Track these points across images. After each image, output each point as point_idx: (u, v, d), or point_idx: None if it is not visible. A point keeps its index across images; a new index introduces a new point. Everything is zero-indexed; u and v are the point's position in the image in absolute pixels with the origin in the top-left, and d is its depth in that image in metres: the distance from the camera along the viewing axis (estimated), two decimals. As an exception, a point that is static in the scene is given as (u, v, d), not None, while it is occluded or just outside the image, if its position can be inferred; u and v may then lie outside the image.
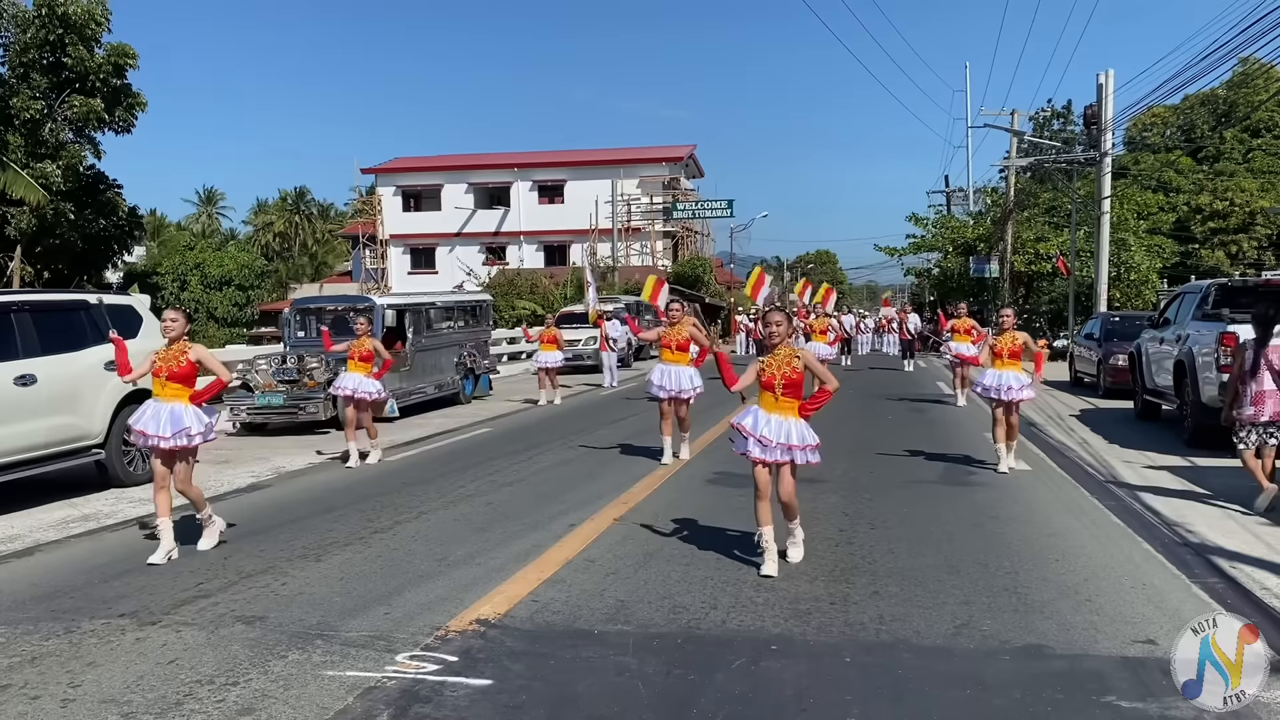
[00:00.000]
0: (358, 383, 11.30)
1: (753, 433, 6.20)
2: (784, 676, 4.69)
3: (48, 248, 26.58)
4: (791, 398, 6.25)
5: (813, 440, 6.27)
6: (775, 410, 6.25)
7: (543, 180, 50.44)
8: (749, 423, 6.27)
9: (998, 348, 10.29)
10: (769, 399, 6.29)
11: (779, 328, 6.41)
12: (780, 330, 6.34)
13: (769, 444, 6.16)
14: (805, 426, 6.30)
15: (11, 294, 9.84)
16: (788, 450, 6.18)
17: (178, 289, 31.47)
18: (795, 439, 6.19)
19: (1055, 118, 53.68)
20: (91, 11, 25.85)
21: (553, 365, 18.32)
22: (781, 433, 6.17)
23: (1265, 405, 7.99)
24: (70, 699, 4.52)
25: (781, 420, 6.22)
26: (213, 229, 72.83)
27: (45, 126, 25.51)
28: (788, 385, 6.23)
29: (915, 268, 50.19)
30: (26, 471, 9.07)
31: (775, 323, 6.45)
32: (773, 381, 6.25)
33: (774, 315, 6.53)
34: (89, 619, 5.69)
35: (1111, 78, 27.44)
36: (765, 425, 6.20)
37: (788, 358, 6.26)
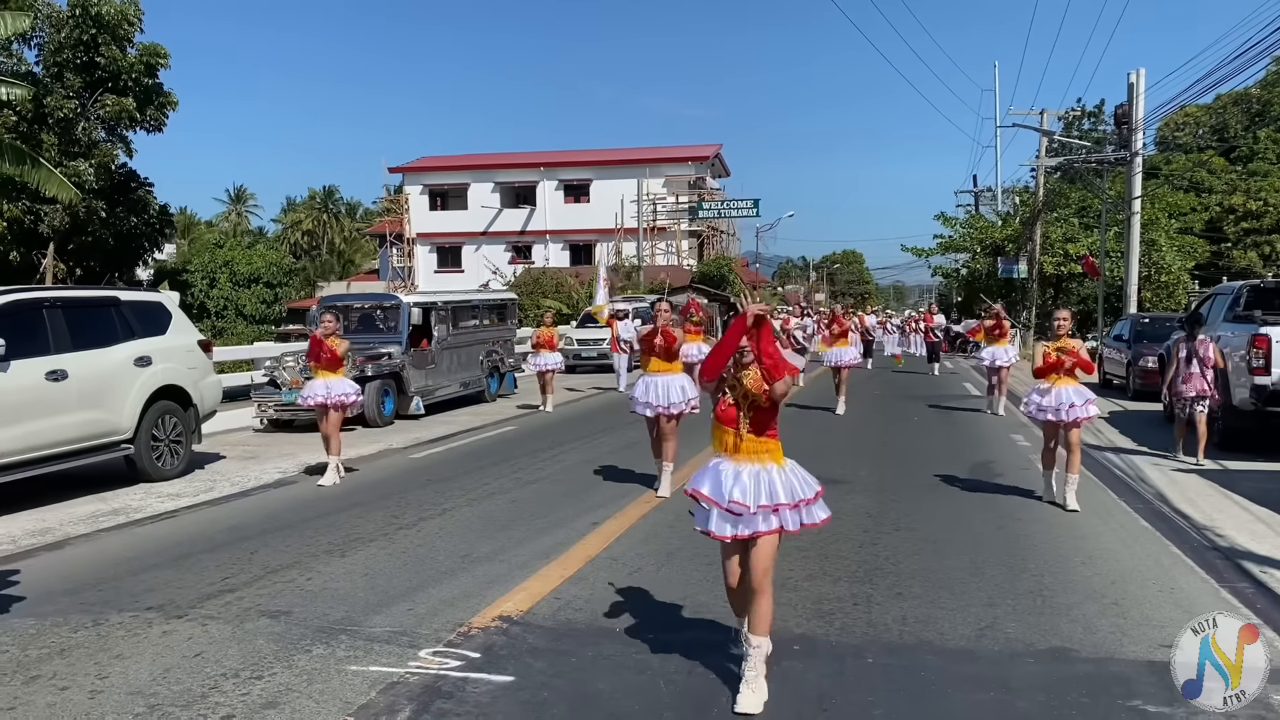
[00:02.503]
0: (329, 388, 10.03)
1: (717, 499, 4.30)
2: (806, 677, 4.67)
3: (80, 245, 26.88)
4: (764, 435, 4.38)
5: (810, 488, 4.39)
6: (744, 456, 4.35)
7: (569, 179, 50.51)
8: (708, 486, 4.35)
9: (1052, 357, 8.42)
10: (729, 439, 4.38)
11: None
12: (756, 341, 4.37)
13: (744, 512, 4.25)
14: (796, 470, 4.42)
15: (43, 290, 9.97)
16: (773, 513, 4.28)
17: (207, 286, 31.71)
18: (782, 493, 4.28)
19: (1086, 117, 53.23)
20: (124, 11, 26.12)
21: (550, 368, 17.18)
22: (760, 490, 4.26)
23: (1191, 384, 10.76)
24: (98, 690, 4.57)
25: (757, 470, 4.31)
26: (242, 227, 73.47)
27: (78, 125, 25.80)
28: (756, 420, 4.36)
29: (943, 268, 49.86)
30: (57, 466, 9.17)
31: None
32: (734, 414, 4.36)
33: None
34: (117, 611, 5.76)
35: (1143, 77, 27.14)
36: (734, 484, 4.28)
37: (756, 382, 4.37)
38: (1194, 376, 10.83)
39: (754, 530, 4.27)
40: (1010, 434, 13.32)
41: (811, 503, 4.39)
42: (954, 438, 13.09)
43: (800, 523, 4.36)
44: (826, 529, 7.56)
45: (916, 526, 7.74)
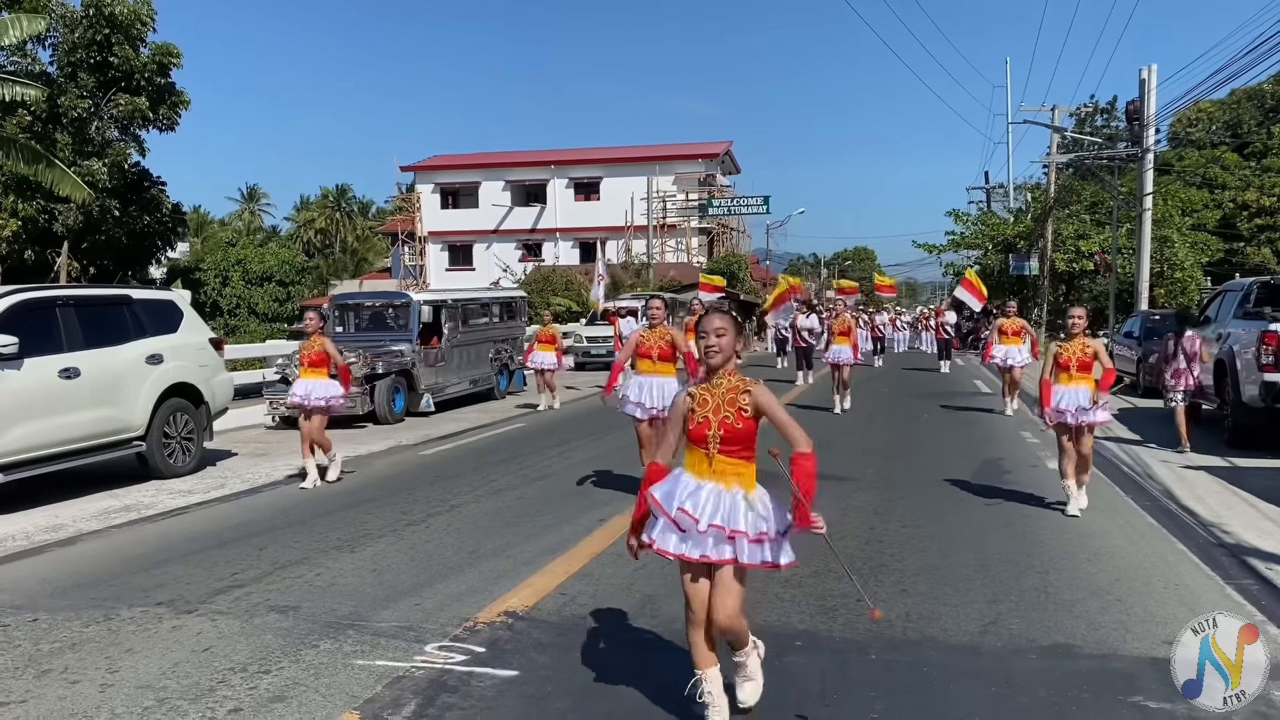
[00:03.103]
0: (309, 388, 9.66)
1: (665, 507, 3.87)
2: (808, 671, 4.70)
3: (94, 244, 27.04)
4: (738, 457, 3.89)
5: (775, 524, 3.86)
6: (712, 476, 3.89)
7: (579, 177, 50.55)
8: (661, 490, 3.94)
9: (1064, 357, 8.05)
10: (698, 459, 3.92)
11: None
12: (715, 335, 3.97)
13: (694, 527, 3.81)
14: (767, 501, 3.92)
15: (55, 289, 10.05)
16: (727, 540, 3.80)
17: (220, 284, 31.88)
18: (744, 521, 3.80)
19: (1099, 113, 53.05)
20: (137, 11, 26.25)
21: (549, 368, 16.97)
22: (718, 509, 3.81)
23: (1180, 378, 11.58)
24: (108, 684, 4.63)
25: (720, 490, 3.85)
26: (255, 226, 73.78)
27: (92, 125, 25.95)
28: (730, 438, 3.87)
29: (955, 265, 49.74)
30: (70, 463, 9.27)
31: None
32: (705, 431, 3.89)
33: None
34: (128, 607, 5.82)
35: (1154, 73, 27.05)
36: (689, 495, 3.86)
37: (732, 392, 3.91)
38: (1182, 371, 11.55)
39: (702, 553, 3.79)
40: (1020, 431, 13.31)
41: (776, 540, 3.86)
42: (963, 435, 13.09)
43: (762, 559, 3.83)
44: (834, 526, 7.55)
45: (922, 524, 7.75)
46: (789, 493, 3.83)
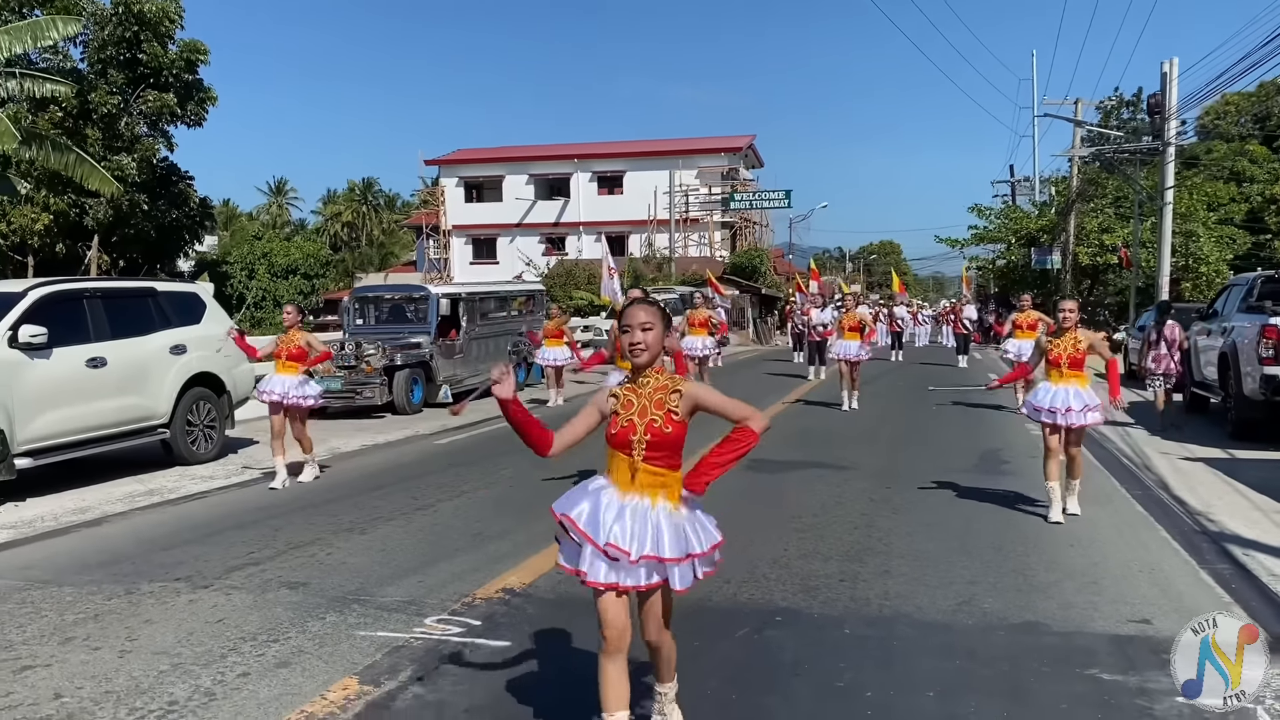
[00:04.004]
0: (286, 386, 9.30)
1: (591, 535, 3.45)
2: (784, 645, 4.95)
3: (123, 237, 27.65)
4: (664, 465, 3.51)
5: (706, 538, 3.54)
6: (636, 489, 3.50)
7: (602, 171, 50.80)
8: (584, 513, 3.50)
9: (1054, 353, 7.58)
10: (621, 468, 3.54)
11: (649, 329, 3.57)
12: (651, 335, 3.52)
13: (622, 557, 3.41)
14: (695, 516, 3.57)
15: (83, 281, 10.43)
16: (658, 567, 3.45)
17: (246, 277, 32.46)
18: (669, 545, 3.43)
19: (1125, 106, 52.67)
20: (165, 9, 26.82)
21: (560, 363, 16.56)
22: (646, 535, 3.42)
23: (1160, 363, 12.44)
24: (127, 650, 4.95)
25: (645, 509, 3.46)
26: (283, 219, 74.57)
27: (121, 120, 26.56)
28: (657, 444, 3.48)
29: (978, 258, 49.63)
30: (97, 449, 9.64)
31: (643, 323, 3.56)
32: (629, 436, 3.51)
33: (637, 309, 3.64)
34: (148, 582, 6.15)
35: (1175, 66, 26.98)
36: (615, 521, 3.45)
37: (659, 392, 3.55)
38: (1163, 357, 12.44)
39: (635, 583, 3.44)
40: (1026, 424, 13.40)
41: (706, 555, 3.54)
42: (968, 427, 13.27)
43: (692, 577, 3.53)
44: (828, 511, 7.96)
45: (914, 510, 7.97)
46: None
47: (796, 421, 13.95)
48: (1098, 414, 7.54)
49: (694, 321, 16.92)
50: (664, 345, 3.58)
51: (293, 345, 9.44)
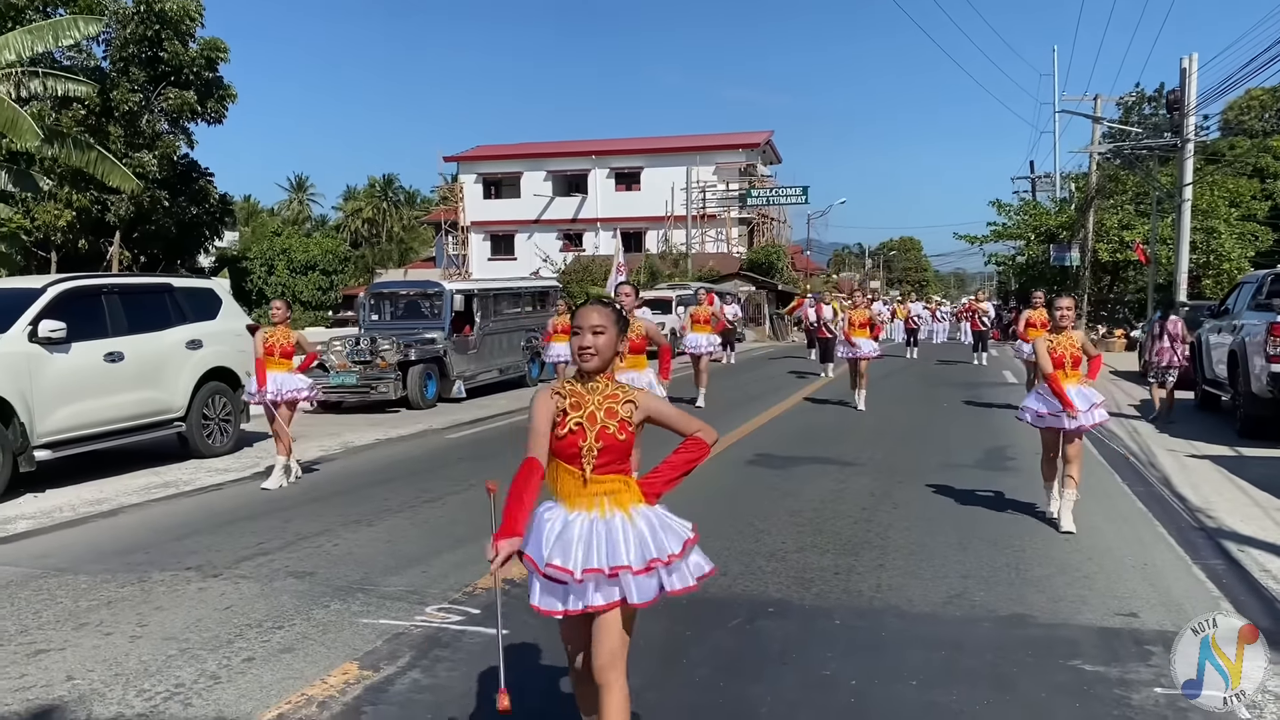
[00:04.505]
0: (279, 383, 9.17)
1: (536, 562, 3.16)
2: (774, 635, 5.07)
3: (144, 233, 27.97)
4: (615, 472, 3.24)
5: (672, 541, 3.20)
6: (587, 502, 3.21)
7: (620, 167, 50.91)
8: (530, 542, 3.18)
9: (1058, 353, 7.26)
10: (570, 481, 3.23)
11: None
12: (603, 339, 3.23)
13: (567, 579, 3.12)
14: (656, 516, 3.25)
15: (101, 277, 10.65)
16: (609, 580, 3.12)
17: (265, 273, 32.77)
18: (627, 551, 3.13)
19: (1146, 101, 52.27)
20: (186, 8, 27.11)
21: (567, 359, 16.28)
22: (593, 547, 3.13)
23: (1163, 357, 13.08)
24: (137, 635, 5.12)
25: (593, 520, 3.17)
26: (304, 215, 75.07)
27: (143, 118, 26.87)
28: (610, 451, 3.22)
29: (997, 255, 49.41)
30: (114, 441, 9.85)
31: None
32: (578, 444, 3.20)
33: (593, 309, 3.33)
34: (159, 570, 6.33)
35: (1195, 61, 26.86)
36: (556, 540, 3.15)
37: (611, 399, 3.26)
38: (1165, 350, 13.14)
39: (586, 604, 3.12)
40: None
41: (675, 560, 3.18)
42: (977, 424, 13.31)
43: (658, 589, 3.17)
44: (828, 506, 8.05)
45: (914, 505, 8.06)
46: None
47: (803, 418, 14.03)
48: (1102, 412, 7.32)
49: (697, 318, 16.87)
50: (617, 351, 3.28)
51: (286, 342, 9.35)
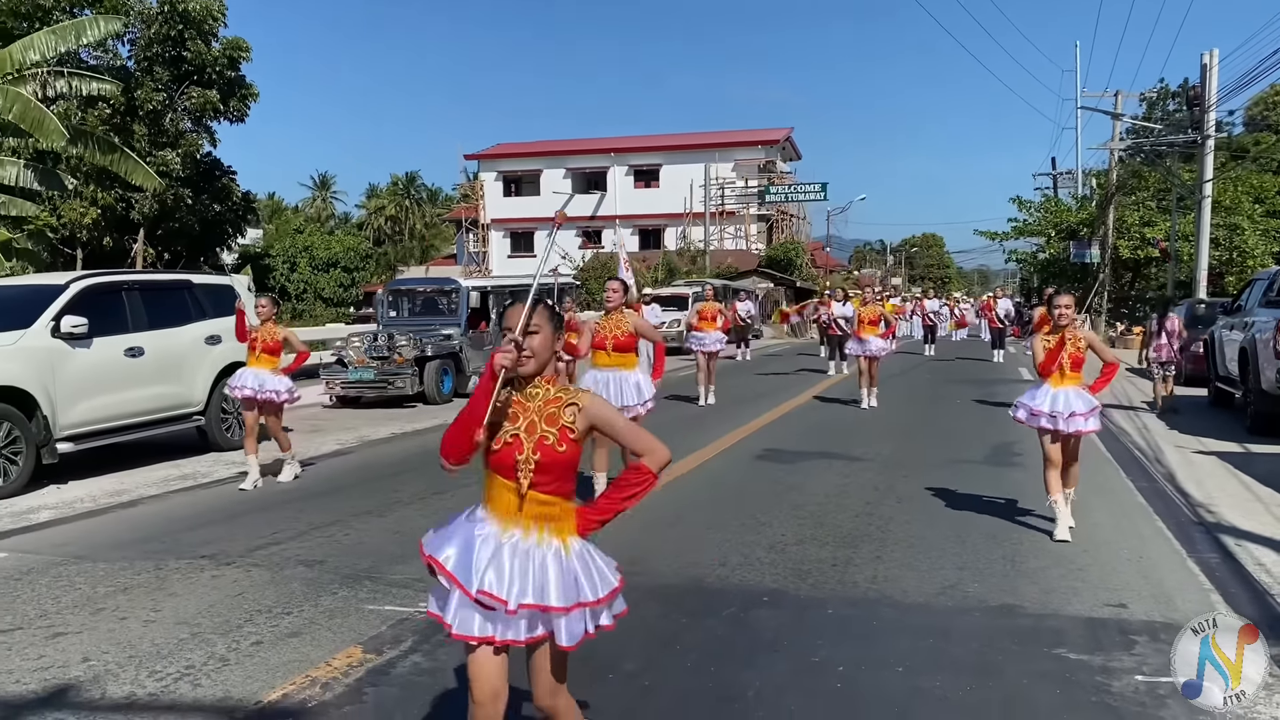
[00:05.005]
0: (260, 381, 8.87)
1: (463, 580, 2.92)
2: (768, 623, 5.19)
3: (168, 230, 28.34)
4: (555, 492, 3.00)
5: (602, 584, 3.02)
6: (520, 522, 2.98)
7: (639, 165, 51.07)
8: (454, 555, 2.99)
9: (1055, 352, 6.90)
10: (504, 496, 3.01)
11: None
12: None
13: (499, 607, 2.89)
14: (590, 557, 3.04)
15: (122, 274, 10.89)
16: (543, 618, 2.93)
17: (288, 270, 33.13)
18: (555, 592, 2.91)
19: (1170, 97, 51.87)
20: (209, 7, 27.43)
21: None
22: (529, 581, 2.90)
23: (1161, 352, 13.82)
24: (151, 620, 5.30)
25: (529, 549, 2.95)
26: (327, 213, 75.59)
27: (166, 117, 27.22)
28: (548, 466, 2.96)
29: (1018, 252, 49.20)
30: (135, 434, 10.07)
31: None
32: (514, 456, 2.97)
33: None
34: (175, 559, 6.52)
35: (1215, 57, 26.72)
36: (490, 563, 2.92)
37: (552, 404, 3.02)
38: (1163, 346, 13.84)
39: (513, 637, 2.92)
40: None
41: (600, 605, 3.00)
42: (987, 421, 13.34)
43: (584, 630, 2.96)
44: (831, 500, 8.17)
45: (917, 499, 8.16)
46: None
47: (814, 415, 14.13)
48: (1097, 420, 6.94)
49: (704, 315, 16.56)
50: (554, 351, 3.06)
51: (270, 338, 9.01)
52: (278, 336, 9.10)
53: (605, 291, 7.95)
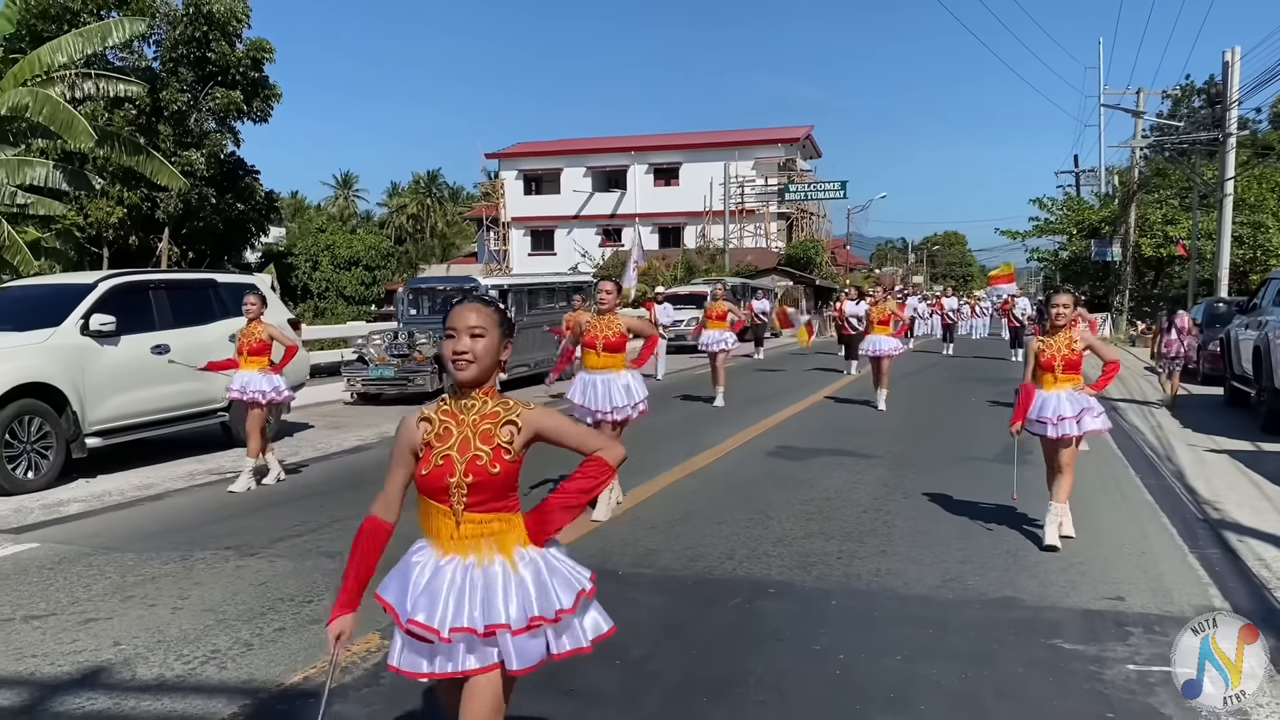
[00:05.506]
0: (244, 381, 8.82)
1: (399, 613, 2.77)
2: (772, 614, 5.34)
3: (192, 230, 28.73)
4: (493, 510, 2.74)
5: (564, 595, 2.74)
6: (459, 544, 2.75)
7: (658, 163, 51.24)
8: (393, 590, 2.84)
9: (1046, 355, 6.69)
10: (440, 519, 2.78)
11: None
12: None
13: (433, 639, 2.68)
14: (546, 570, 2.76)
15: (148, 273, 11.15)
16: (483, 641, 2.68)
17: (310, 269, 33.49)
18: (505, 607, 2.67)
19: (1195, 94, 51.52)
20: (233, 9, 27.80)
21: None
22: (464, 603, 2.68)
23: (1170, 349, 14.43)
24: (179, 607, 5.51)
25: (468, 567, 2.72)
26: (350, 211, 76.14)
27: (191, 117, 27.62)
28: (482, 487, 2.71)
29: (1039, 250, 49.02)
30: (161, 430, 10.33)
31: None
32: (445, 479, 2.72)
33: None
34: (200, 550, 6.73)
35: (1237, 54, 26.61)
36: (424, 589, 2.75)
37: (488, 419, 2.76)
38: (1173, 343, 14.43)
39: (459, 668, 2.68)
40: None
41: (566, 616, 2.72)
42: (1000, 419, 13.30)
43: (542, 654, 2.71)
44: (840, 495, 8.32)
45: (925, 495, 8.28)
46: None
47: (827, 414, 14.24)
48: (1097, 420, 6.65)
49: (712, 314, 16.40)
50: (499, 359, 2.81)
51: (254, 339, 8.92)
52: (261, 336, 8.96)
53: (598, 293, 7.77)
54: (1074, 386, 6.68)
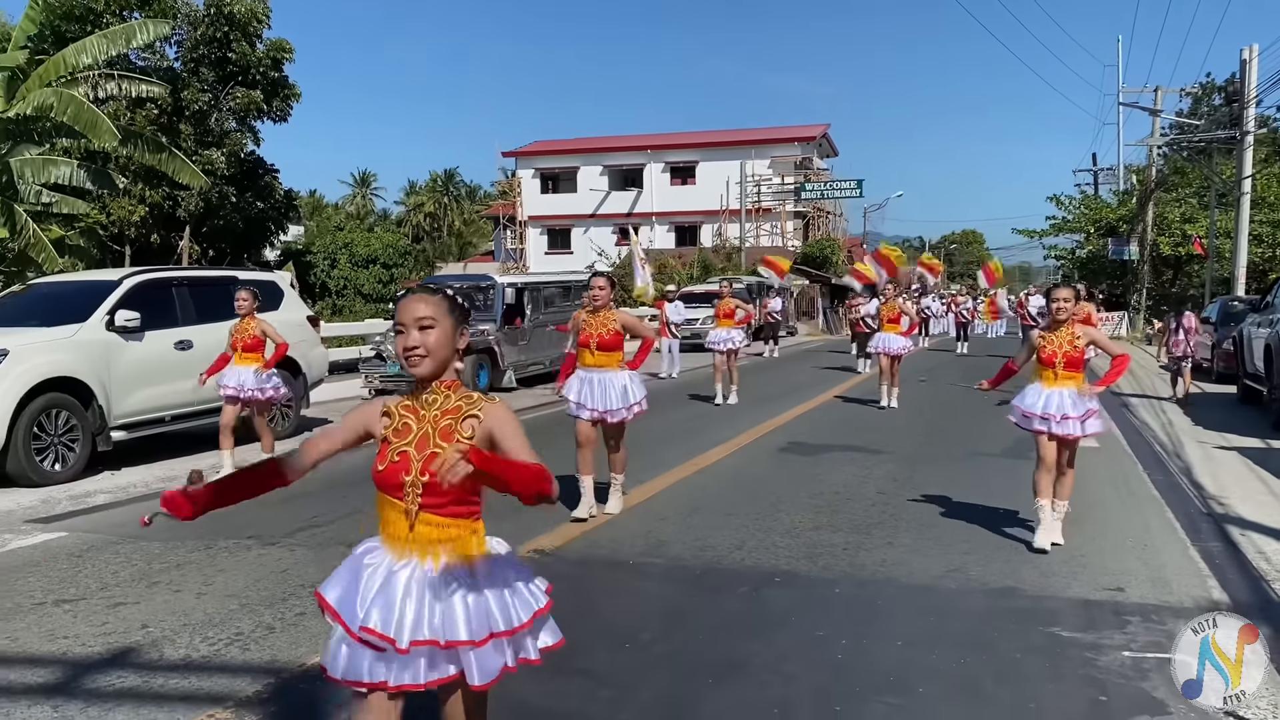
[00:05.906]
0: (240, 380, 8.91)
1: (346, 618, 2.63)
2: (777, 602, 5.49)
3: (213, 228, 29.06)
4: (451, 514, 2.67)
5: (522, 609, 2.65)
6: (414, 546, 2.66)
7: (675, 162, 51.36)
8: (337, 591, 2.74)
9: (1047, 350, 6.54)
10: (394, 518, 2.70)
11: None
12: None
13: (387, 646, 2.55)
14: (507, 576, 2.69)
15: (171, 270, 11.38)
16: (448, 655, 2.58)
17: (328, 266, 33.79)
18: (465, 624, 2.57)
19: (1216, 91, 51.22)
20: (254, 10, 28.10)
21: None
22: (424, 613, 2.57)
23: (1178, 348, 14.80)
24: (203, 593, 5.71)
25: (426, 577, 2.62)
26: (367, 209, 76.62)
27: (212, 117, 27.93)
28: (436, 488, 2.55)
29: (1056, 249, 48.89)
30: (184, 424, 10.56)
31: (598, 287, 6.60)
32: (401, 476, 2.65)
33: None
34: (223, 539, 6.93)
35: (1255, 51, 26.57)
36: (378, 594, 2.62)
37: (449, 415, 2.69)
38: (1180, 343, 14.80)
39: (410, 680, 2.56)
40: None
41: (520, 632, 2.62)
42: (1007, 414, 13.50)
43: (503, 665, 2.60)
44: (849, 489, 8.46)
45: (933, 489, 8.39)
46: None
47: (839, 411, 14.36)
48: (1098, 423, 6.59)
49: (721, 312, 16.22)
50: (456, 349, 2.71)
51: (247, 335, 9.03)
52: (255, 332, 9.06)
53: (593, 291, 7.51)
54: (1076, 387, 6.52)
